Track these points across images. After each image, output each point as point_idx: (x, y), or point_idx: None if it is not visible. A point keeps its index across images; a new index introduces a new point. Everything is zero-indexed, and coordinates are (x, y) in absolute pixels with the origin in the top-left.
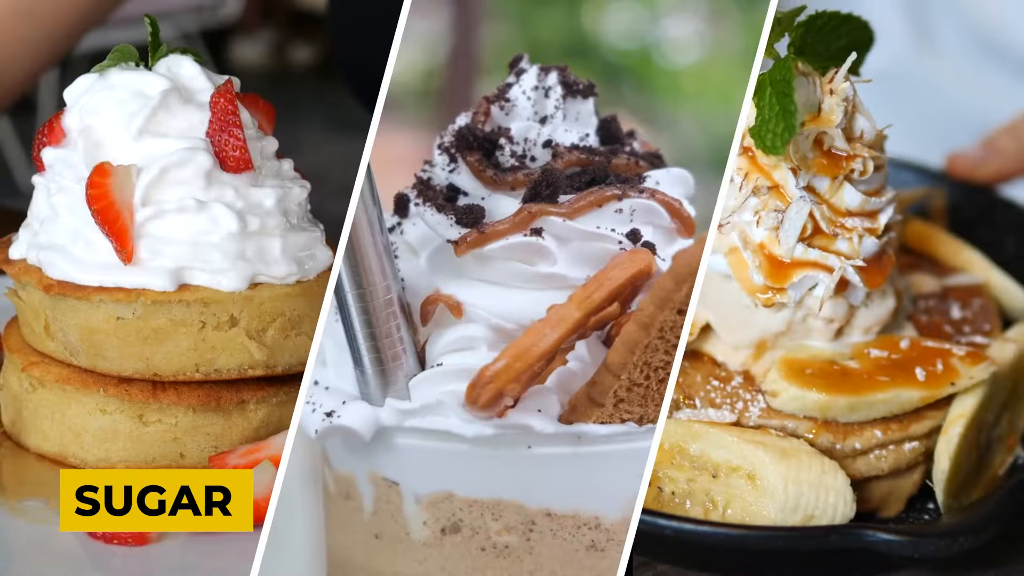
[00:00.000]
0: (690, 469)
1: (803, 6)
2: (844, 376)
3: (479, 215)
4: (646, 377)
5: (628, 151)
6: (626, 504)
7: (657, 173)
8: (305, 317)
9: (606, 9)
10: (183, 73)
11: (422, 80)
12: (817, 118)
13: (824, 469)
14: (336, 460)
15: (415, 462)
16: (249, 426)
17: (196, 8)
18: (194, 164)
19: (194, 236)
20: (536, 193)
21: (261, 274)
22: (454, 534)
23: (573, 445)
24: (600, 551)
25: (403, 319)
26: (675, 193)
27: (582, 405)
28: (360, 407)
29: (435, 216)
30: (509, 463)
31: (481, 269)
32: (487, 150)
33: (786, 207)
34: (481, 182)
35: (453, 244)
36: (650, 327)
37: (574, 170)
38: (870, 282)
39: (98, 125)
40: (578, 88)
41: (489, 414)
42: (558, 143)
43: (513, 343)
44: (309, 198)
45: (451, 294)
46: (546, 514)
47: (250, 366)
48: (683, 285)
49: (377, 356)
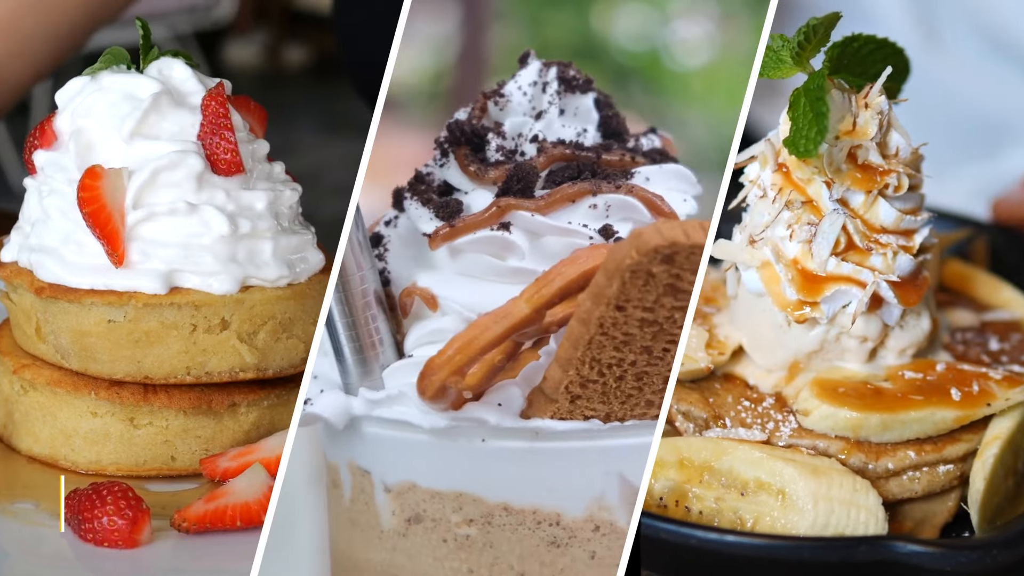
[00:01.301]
0: (718, 487)
1: (838, 13)
2: (877, 395)
3: (456, 209)
4: (599, 374)
5: (631, 147)
6: (591, 503)
7: (649, 169)
8: (296, 320)
9: (616, 11)
10: (174, 76)
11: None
12: (852, 131)
13: (856, 487)
14: (326, 449)
15: (383, 451)
16: (240, 429)
17: (189, 9)
18: (185, 167)
19: (185, 239)
20: (508, 187)
21: (252, 277)
22: (417, 524)
23: (530, 440)
24: (560, 548)
25: (379, 310)
26: (666, 188)
27: (537, 400)
28: (334, 396)
29: (418, 209)
30: (467, 456)
31: (454, 262)
32: (476, 145)
33: (819, 221)
34: (466, 176)
35: (428, 237)
36: (588, 322)
37: (559, 165)
38: (905, 299)
39: (89, 128)
40: (576, 83)
41: (440, 405)
42: (545, 138)
43: (458, 335)
44: (302, 199)
45: (426, 287)
46: (504, 508)
47: (241, 369)
48: (613, 280)
49: (355, 345)
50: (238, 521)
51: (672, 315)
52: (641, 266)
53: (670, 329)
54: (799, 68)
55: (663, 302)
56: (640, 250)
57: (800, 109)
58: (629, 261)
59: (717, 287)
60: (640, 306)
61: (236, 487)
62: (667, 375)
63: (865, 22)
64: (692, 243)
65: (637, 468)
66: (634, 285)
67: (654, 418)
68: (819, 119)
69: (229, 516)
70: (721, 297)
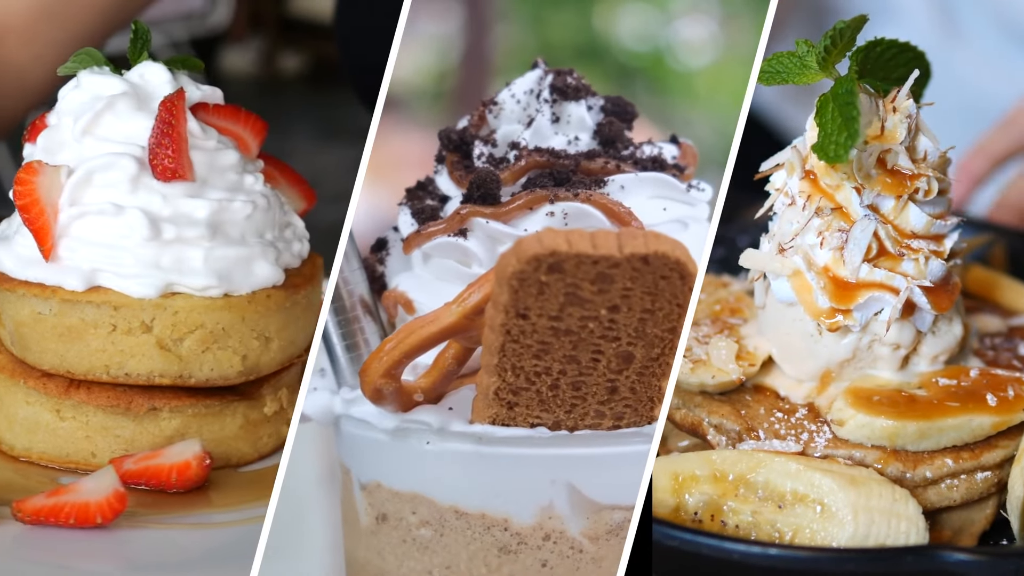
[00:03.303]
0: (755, 501)
1: (865, 17)
2: (912, 403)
3: (431, 215)
4: (528, 381)
5: (625, 154)
6: (540, 511)
7: (626, 177)
8: (232, 332)
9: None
10: (150, 80)
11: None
12: (880, 136)
13: (895, 497)
14: None
15: (356, 450)
16: (162, 434)
17: (185, 16)
18: (119, 169)
19: (110, 239)
20: (470, 195)
21: (178, 284)
22: (384, 523)
23: (474, 444)
24: (510, 553)
25: (363, 312)
26: (645, 197)
27: (477, 405)
28: (320, 395)
29: (404, 215)
30: (416, 457)
31: (426, 267)
32: (465, 152)
33: (850, 227)
34: (453, 182)
35: (403, 242)
36: (494, 329)
37: (536, 172)
38: (937, 305)
39: (59, 125)
40: (568, 91)
41: (387, 406)
42: (525, 145)
43: (390, 337)
44: None
45: (404, 291)
46: (455, 511)
47: (160, 374)
48: (503, 288)
49: (345, 345)
50: (72, 519)
51: (586, 324)
52: (526, 274)
53: (591, 339)
54: (825, 73)
55: (570, 311)
56: (520, 258)
57: (828, 114)
58: (511, 269)
59: (742, 298)
60: (544, 315)
61: (83, 486)
62: (613, 385)
63: (886, 18)
64: (576, 252)
65: (592, 479)
66: (527, 293)
67: (611, 429)
68: (849, 124)
69: (65, 513)
70: (747, 308)
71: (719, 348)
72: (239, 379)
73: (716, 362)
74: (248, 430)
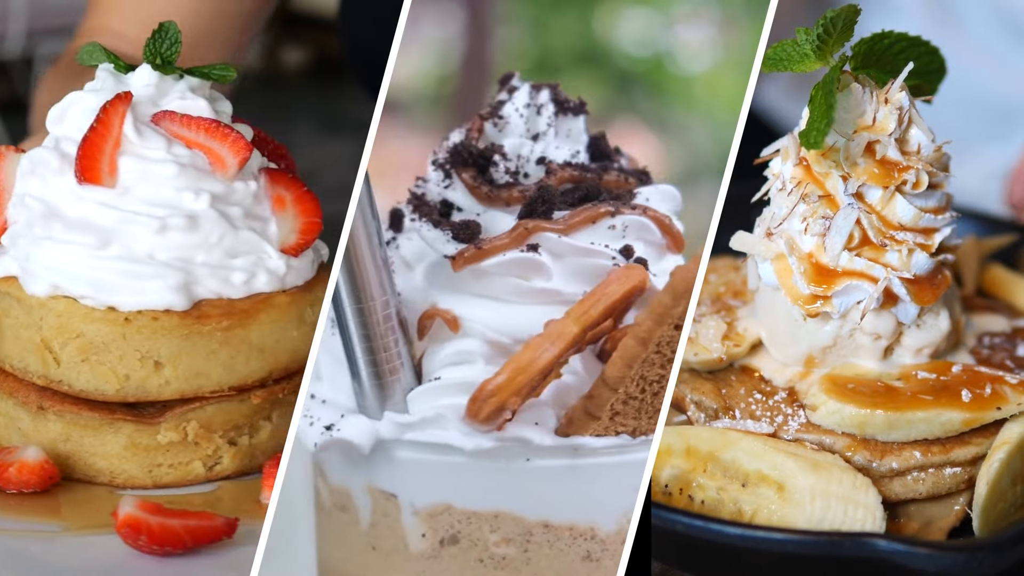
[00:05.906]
0: (721, 478)
1: (855, 6)
2: (887, 393)
3: (475, 231)
4: (641, 391)
5: (617, 168)
6: (621, 515)
7: (647, 190)
8: (112, 348)
9: (619, 16)
10: (134, 81)
11: (435, 85)
12: (871, 126)
13: (856, 484)
14: (332, 473)
15: (414, 475)
16: (46, 435)
17: None
18: (45, 164)
19: (16, 229)
20: (532, 209)
21: (62, 287)
22: (452, 545)
23: (570, 457)
24: (595, 561)
25: (401, 333)
26: (664, 209)
27: (579, 418)
28: (359, 420)
29: (432, 232)
30: (508, 475)
31: (478, 284)
32: (481, 166)
33: (834, 215)
34: (476, 198)
35: (451, 259)
36: (648, 342)
37: (567, 186)
38: (919, 298)
39: None
40: (569, 106)
41: (489, 427)
42: (552, 160)
43: (513, 357)
44: None
45: (448, 308)
46: (544, 525)
47: (41, 375)
48: (681, 301)
49: (375, 370)
50: None
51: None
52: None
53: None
54: (821, 62)
55: None
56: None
57: (816, 102)
58: (687, 284)
59: (746, 281)
60: (678, 325)
61: None
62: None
63: (884, 9)
64: None
65: None
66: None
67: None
68: (828, 111)
69: None
70: (749, 291)
71: (708, 327)
72: (118, 397)
73: (703, 340)
74: (136, 453)
